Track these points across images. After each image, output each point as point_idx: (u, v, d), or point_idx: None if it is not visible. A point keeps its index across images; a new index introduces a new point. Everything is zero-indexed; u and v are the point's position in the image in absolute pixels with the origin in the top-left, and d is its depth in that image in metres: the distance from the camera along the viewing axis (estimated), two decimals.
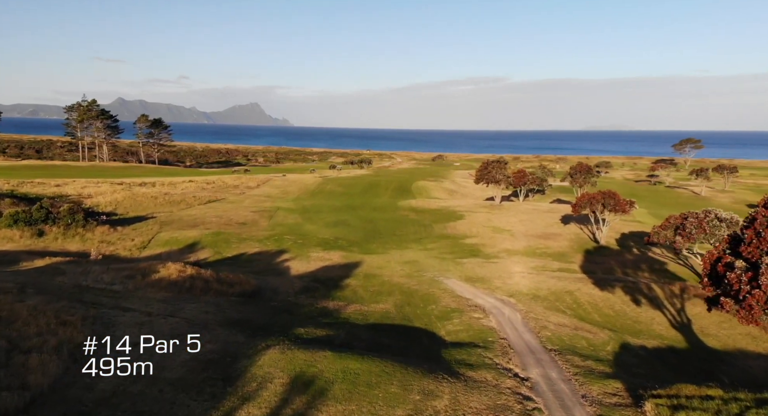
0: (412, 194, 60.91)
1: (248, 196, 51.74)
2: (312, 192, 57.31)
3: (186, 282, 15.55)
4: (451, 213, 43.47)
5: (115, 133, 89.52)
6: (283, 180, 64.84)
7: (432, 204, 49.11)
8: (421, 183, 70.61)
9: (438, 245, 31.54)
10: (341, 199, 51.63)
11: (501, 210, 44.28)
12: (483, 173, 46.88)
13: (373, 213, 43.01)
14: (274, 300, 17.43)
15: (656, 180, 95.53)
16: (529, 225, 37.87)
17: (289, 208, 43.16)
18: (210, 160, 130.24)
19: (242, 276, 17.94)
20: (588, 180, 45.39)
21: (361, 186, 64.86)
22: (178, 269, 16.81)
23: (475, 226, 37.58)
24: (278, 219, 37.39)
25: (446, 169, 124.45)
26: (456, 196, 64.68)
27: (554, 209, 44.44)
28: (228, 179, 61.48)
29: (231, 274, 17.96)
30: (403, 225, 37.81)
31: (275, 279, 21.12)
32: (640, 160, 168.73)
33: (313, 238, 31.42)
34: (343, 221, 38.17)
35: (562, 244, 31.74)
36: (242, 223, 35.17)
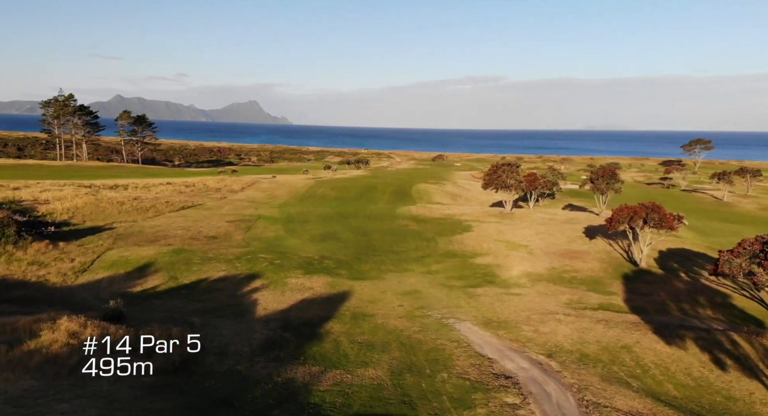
0: (412, 199, 55.60)
1: (229, 201, 46.35)
2: (301, 196, 51.92)
3: (73, 356, 10.28)
4: (456, 223, 38.17)
5: (96, 130, 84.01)
6: (271, 182, 59.46)
7: (434, 211, 43.80)
8: (422, 186, 65.30)
9: (444, 266, 26.23)
10: (333, 205, 46.27)
11: (513, 220, 38.98)
12: (492, 178, 41.58)
13: (368, 223, 37.68)
14: (216, 371, 12.15)
15: (669, 183, 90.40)
16: (548, 239, 32.58)
17: (272, 217, 37.78)
18: (200, 158, 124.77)
19: (175, 331, 12.61)
20: (611, 186, 40.11)
21: (356, 189, 59.50)
22: (71, 330, 11.49)
23: (485, 240, 32.27)
24: (256, 232, 32.02)
25: (447, 169, 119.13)
26: (459, 200, 59.39)
27: (573, 219, 39.17)
28: (211, 181, 56.14)
29: (159, 328, 12.65)
30: (403, 238, 32.49)
31: (230, 326, 15.79)
32: (647, 161, 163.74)
33: (295, 257, 26.07)
34: (333, 234, 32.83)
35: (593, 266, 26.45)
36: (212, 237, 29.80)
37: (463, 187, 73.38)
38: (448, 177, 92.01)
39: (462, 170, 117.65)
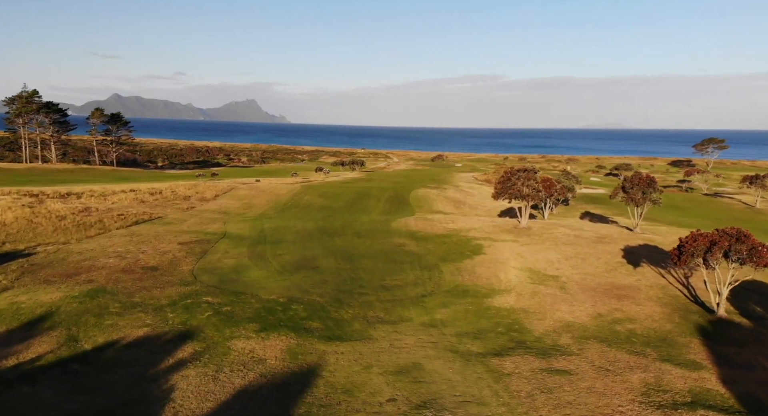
0: (410, 207, 48.91)
1: (197, 212, 39.60)
2: (283, 206, 45.15)
3: None
4: (463, 241, 31.46)
5: (66, 129, 77.09)
6: (251, 188, 52.67)
7: (436, 224, 37.11)
8: (421, 191, 58.60)
9: (453, 312, 19.53)
10: (318, 218, 39.52)
11: (531, 238, 32.30)
12: (505, 186, 34.86)
13: (357, 242, 30.95)
14: None
15: (688, 186, 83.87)
16: (581, 266, 25.90)
17: (240, 236, 31.01)
18: (186, 159, 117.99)
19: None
20: (649, 196, 33.41)
21: (348, 196, 52.76)
22: None
23: (502, 268, 25.58)
24: (212, 259, 25.26)
25: (448, 170, 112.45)
26: (464, 208, 52.69)
27: (605, 237, 32.48)
28: (182, 187, 49.34)
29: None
30: (398, 266, 25.77)
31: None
32: (656, 161, 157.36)
33: (252, 302, 19.35)
34: (311, 260, 26.07)
35: (652, 311, 19.79)
36: (151, 269, 23.03)
37: (467, 192, 66.76)
38: (449, 179, 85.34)
39: (463, 171, 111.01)
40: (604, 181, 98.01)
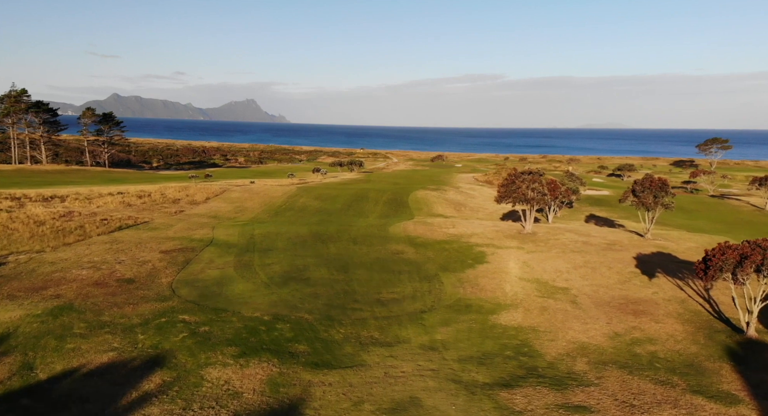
0: (409, 210, 47.10)
1: (185, 216, 37.78)
2: (276, 209, 43.31)
3: None
4: (465, 248, 29.66)
5: (56, 130, 75.23)
6: (244, 190, 50.81)
7: (436, 229, 35.32)
8: (421, 193, 56.79)
9: (454, 331, 17.71)
10: (312, 222, 37.69)
11: (537, 244, 30.51)
12: (509, 190, 33.04)
13: (352, 249, 29.13)
14: None
15: (693, 187, 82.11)
16: (593, 277, 24.11)
17: (227, 243, 29.18)
18: (182, 160, 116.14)
19: None
20: (661, 200, 31.58)
21: (345, 198, 50.95)
22: None
23: (508, 279, 23.77)
24: (195, 270, 23.44)
25: (448, 171, 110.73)
26: (464, 210, 50.91)
27: (615, 243, 30.69)
28: (172, 189, 47.51)
29: None
30: (395, 276, 23.95)
31: None
32: (658, 161, 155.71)
33: (233, 320, 17.54)
34: (302, 270, 24.25)
35: (673, 330, 18.00)
36: (127, 281, 21.23)
37: (467, 194, 64.98)
38: (449, 181, 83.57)
39: (463, 172, 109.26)
40: (607, 181, 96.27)
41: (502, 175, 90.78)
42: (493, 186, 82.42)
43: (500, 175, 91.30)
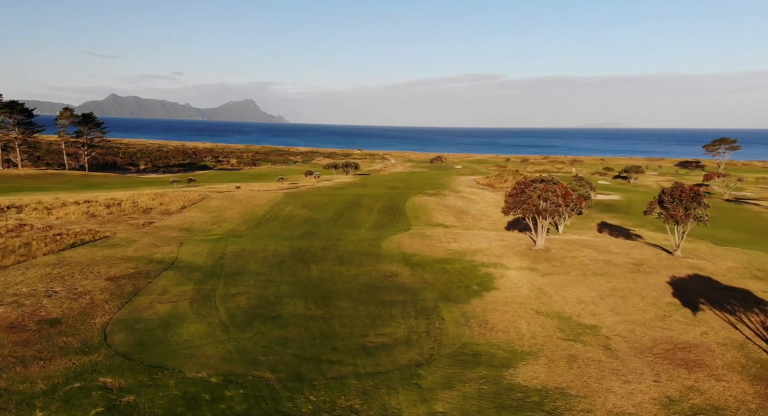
0: (406, 219, 42.99)
1: (154, 228, 33.61)
2: (258, 220, 39.13)
3: None
4: (469, 270, 25.54)
5: (32, 131, 71.02)
6: (226, 197, 46.60)
7: (435, 245, 31.21)
8: (418, 199, 52.66)
9: (461, 404, 13.45)
10: (295, 235, 33.50)
11: (552, 264, 26.40)
12: (518, 200, 28.91)
13: (338, 272, 24.99)
14: None
15: (704, 190, 77.95)
16: (623, 308, 20.00)
17: (191, 265, 24.98)
18: (172, 162, 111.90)
19: None
20: (693, 213, 27.45)
21: (336, 205, 46.82)
22: None
23: (523, 314, 19.64)
24: (141, 304, 19.25)
25: (447, 173, 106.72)
26: (466, 219, 46.79)
27: (641, 262, 26.59)
28: (146, 197, 43.31)
29: None
30: (386, 311, 19.78)
31: None
32: (663, 162, 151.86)
33: (170, 383, 13.37)
34: (272, 303, 20.07)
35: (742, 393, 13.89)
36: (51, 323, 17.04)
37: (468, 199, 60.90)
38: (448, 184, 79.54)
39: (463, 174, 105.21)
40: (614, 184, 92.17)
41: (505, 177, 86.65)
42: (496, 189, 78.31)
43: (502, 177, 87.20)
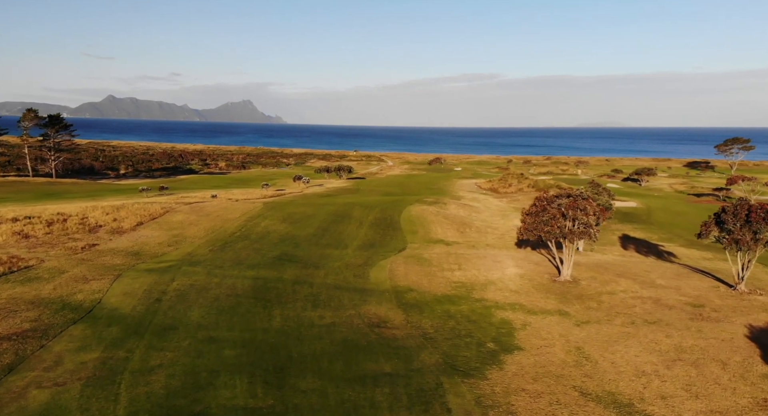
0: (401, 234, 37.11)
1: (94, 253, 27.62)
2: (226, 239, 33.12)
3: None
4: (480, 315, 19.62)
5: None
6: (193, 210, 40.54)
7: (435, 272, 25.31)
8: (416, 209, 46.71)
9: None
10: (265, 260, 27.47)
11: (587, 306, 20.49)
12: (539, 220, 22.99)
13: (308, 320, 19.02)
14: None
15: (725, 195, 72.23)
16: (701, 386, 14.08)
17: (115, 312, 18.96)
18: (155, 166, 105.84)
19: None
20: (763, 236, 21.52)
21: (322, 218, 40.88)
22: None
23: (563, 399, 13.68)
24: (8, 390, 13.25)
25: (447, 176, 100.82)
26: (470, 232, 40.85)
27: (699, 302, 20.66)
28: (100, 211, 37.28)
29: None
30: (366, 396, 13.77)
31: None
32: (671, 162, 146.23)
33: None
34: (202, 385, 14.05)
35: None
36: None
37: (471, 207, 55.00)
38: (449, 189, 73.62)
39: (464, 177, 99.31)
40: (624, 187, 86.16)
41: (509, 181, 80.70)
42: (500, 195, 72.42)
43: (506, 181, 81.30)
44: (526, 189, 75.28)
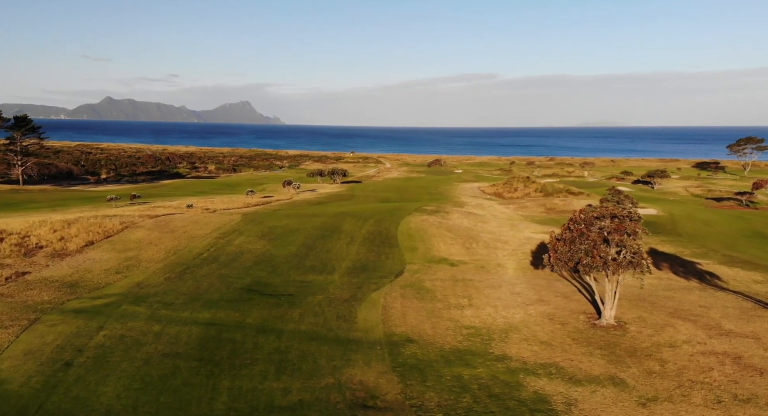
0: (398, 253, 31.87)
1: (20, 285, 22.29)
2: (188, 262, 27.75)
3: None
4: (505, 386, 14.29)
5: None
6: (156, 225, 35.13)
7: (440, 310, 20.04)
8: (415, 220, 41.46)
9: None
10: (229, 294, 22.12)
11: (647, 372, 15.21)
12: (575, 247, 17.74)
13: (267, 392, 13.70)
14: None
15: (748, 199, 67.07)
16: None
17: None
18: (139, 170, 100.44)
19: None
20: None
21: (308, 232, 35.61)
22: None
23: None
24: None
25: (447, 179, 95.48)
26: (477, 248, 35.57)
27: None
28: (45, 229, 31.85)
29: None
30: None
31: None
32: (679, 163, 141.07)
33: None
34: None
35: None
36: None
37: (476, 215, 49.80)
38: (450, 194, 68.33)
39: (466, 180, 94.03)
40: (636, 190, 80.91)
41: (514, 185, 75.34)
42: (506, 200, 67.12)
43: (512, 185, 75.98)
44: (534, 194, 70.02)
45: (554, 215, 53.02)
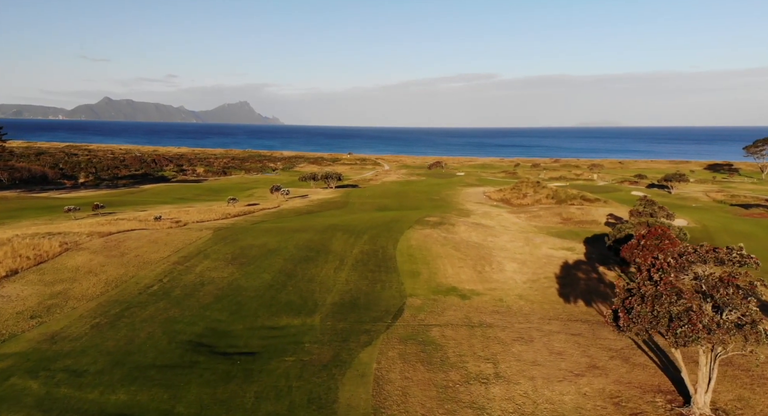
0: (398, 280, 26.03)
1: None
2: (133, 298, 21.80)
3: None
4: None
5: None
6: (105, 246, 29.15)
7: (455, 382, 14.23)
8: (416, 235, 35.58)
9: None
10: (169, 355, 16.22)
11: None
12: (663, 310, 11.96)
13: None
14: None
15: None
16: None
17: None
18: (122, 172, 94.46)
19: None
20: None
21: (289, 252, 29.69)
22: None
23: None
24: None
25: (449, 183, 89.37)
26: (491, 272, 29.65)
27: None
28: None
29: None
30: None
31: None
32: (690, 165, 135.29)
33: None
34: None
35: None
36: None
37: (485, 227, 43.90)
38: (454, 200, 62.37)
39: (469, 184, 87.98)
40: (653, 196, 74.98)
41: (523, 191, 69.44)
42: (514, 207, 61.18)
43: (520, 190, 70.06)
44: (545, 200, 64.14)
45: (572, 226, 47.12)
